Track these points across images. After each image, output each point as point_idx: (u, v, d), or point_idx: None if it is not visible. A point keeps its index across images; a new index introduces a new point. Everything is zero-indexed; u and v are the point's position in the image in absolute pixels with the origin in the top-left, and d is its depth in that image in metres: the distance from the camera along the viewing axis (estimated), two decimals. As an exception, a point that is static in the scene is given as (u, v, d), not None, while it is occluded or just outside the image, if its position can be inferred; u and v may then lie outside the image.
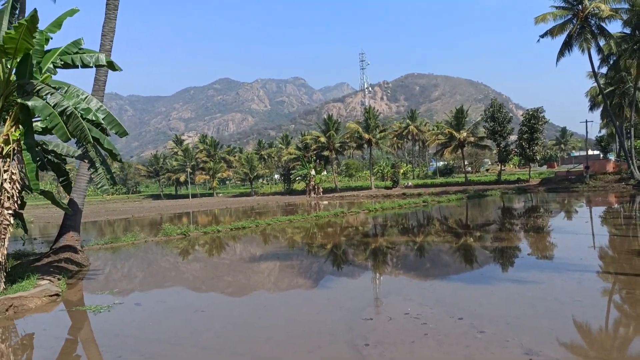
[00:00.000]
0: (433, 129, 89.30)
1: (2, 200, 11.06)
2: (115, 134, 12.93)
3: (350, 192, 72.21)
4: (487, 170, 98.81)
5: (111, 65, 14.59)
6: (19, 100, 11.12)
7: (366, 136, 72.32)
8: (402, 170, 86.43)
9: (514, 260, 14.22)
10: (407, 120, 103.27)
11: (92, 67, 13.77)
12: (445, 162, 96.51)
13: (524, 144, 60.73)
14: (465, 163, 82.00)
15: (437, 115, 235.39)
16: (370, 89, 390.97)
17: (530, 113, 60.36)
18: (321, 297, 10.69)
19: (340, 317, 8.70)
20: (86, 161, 15.18)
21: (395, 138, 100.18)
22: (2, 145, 11.20)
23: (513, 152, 67.45)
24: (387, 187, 73.37)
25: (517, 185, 61.40)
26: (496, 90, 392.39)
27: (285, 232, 25.48)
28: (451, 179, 76.95)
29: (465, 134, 68.70)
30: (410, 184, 74.90)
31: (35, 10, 10.38)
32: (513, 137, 67.07)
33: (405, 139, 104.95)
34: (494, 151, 73.18)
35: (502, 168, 72.47)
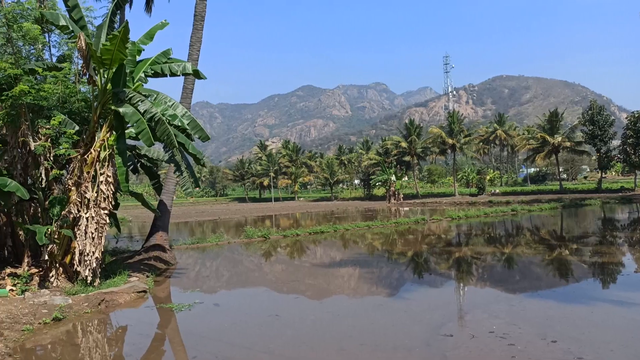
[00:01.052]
0: (523, 134, 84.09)
1: (99, 201, 11.84)
2: (199, 138, 13.40)
3: (432, 199, 70.06)
4: (585, 177, 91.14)
5: (197, 74, 15.22)
6: (113, 108, 11.87)
7: (450, 141, 69.84)
8: (488, 177, 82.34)
9: (617, 277, 12.71)
10: (495, 125, 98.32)
11: (179, 75, 14.42)
12: (537, 169, 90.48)
13: (628, 149, 55.23)
14: (560, 170, 76.31)
15: (528, 119, 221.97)
16: (454, 92, 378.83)
17: (637, 116, 54.80)
18: (399, 307, 10.20)
19: (418, 331, 8.19)
20: (173, 165, 15.95)
21: (481, 143, 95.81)
22: (99, 150, 12.01)
23: (615, 158, 61.60)
24: (472, 194, 70.26)
25: (620, 194, 55.87)
26: (595, 91, 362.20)
27: (365, 237, 25.10)
28: (544, 187, 71.94)
29: (560, 139, 63.89)
30: (497, 191, 71.10)
31: (126, 22, 11.01)
32: (615, 142, 61.27)
33: (492, 144, 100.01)
34: (593, 157, 67.37)
35: (603, 175, 66.45)
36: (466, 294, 11.73)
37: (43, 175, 11.70)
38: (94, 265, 11.49)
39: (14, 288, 10.34)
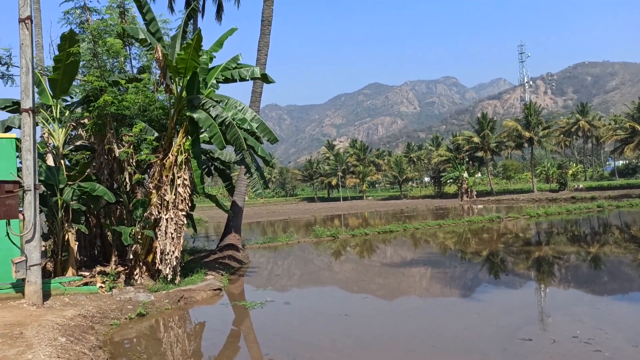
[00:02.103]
0: (610, 124, 77.99)
1: (177, 203, 12.51)
2: (268, 141, 13.74)
3: (508, 196, 66.92)
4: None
5: (265, 78, 15.62)
6: (188, 114, 12.48)
7: (526, 134, 66.33)
8: (570, 171, 77.21)
9: None
10: (577, 115, 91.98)
11: (248, 80, 14.88)
12: (627, 161, 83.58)
13: None
14: (653, 161, 69.93)
15: (615, 108, 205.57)
16: (531, 83, 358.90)
17: None
18: (473, 309, 9.84)
19: (493, 335, 7.85)
20: (244, 167, 16.49)
21: (561, 135, 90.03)
22: (176, 154, 12.68)
23: None
24: (552, 190, 66.28)
25: None
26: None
27: (436, 237, 24.49)
28: (634, 181, 66.29)
29: (652, 128, 58.60)
30: (581, 186, 66.57)
31: (199, 31, 11.53)
32: None
33: (574, 136, 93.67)
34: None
35: None
36: (547, 296, 11.08)
37: (127, 180, 12.54)
38: (174, 263, 12.14)
39: (103, 285, 11.18)
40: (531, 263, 15.32)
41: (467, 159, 73.96)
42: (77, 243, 12.13)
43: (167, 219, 12.15)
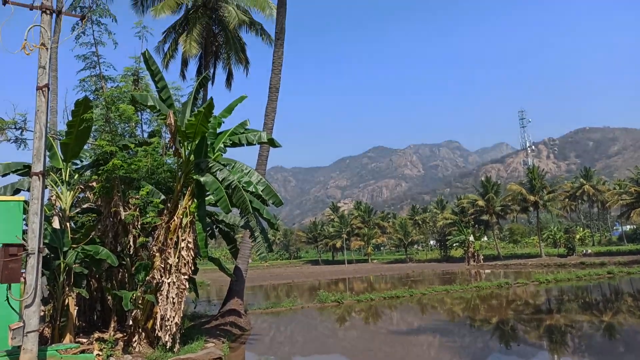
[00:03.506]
0: (614, 188, 78.07)
1: (179, 266, 12.36)
2: (273, 204, 13.78)
3: (515, 260, 65.77)
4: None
5: (272, 142, 15.93)
6: (194, 177, 12.63)
7: (531, 198, 66.28)
8: (578, 236, 76.29)
9: None
10: (581, 179, 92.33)
11: (255, 144, 15.20)
12: (634, 226, 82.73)
13: None
14: (661, 226, 69.17)
15: (618, 173, 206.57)
16: (533, 147, 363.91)
17: None
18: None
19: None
20: (248, 230, 16.43)
21: (566, 199, 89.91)
22: (182, 217, 12.69)
23: None
24: (560, 255, 65.19)
25: None
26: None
27: (443, 303, 23.83)
28: (643, 246, 65.23)
29: (657, 192, 58.52)
30: (589, 251, 65.52)
31: (211, 99, 11.93)
32: None
33: (579, 200, 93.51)
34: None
35: None
36: (562, 369, 10.58)
37: (131, 243, 12.49)
38: (174, 330, 11.79)
39: (100, 353, 10.81)
40: (543, 332, 14.77)
41: (473, 223, 73.50)
42: (77, 308, 11.87)
43: (169, 283, 11.95)
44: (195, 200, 12.96)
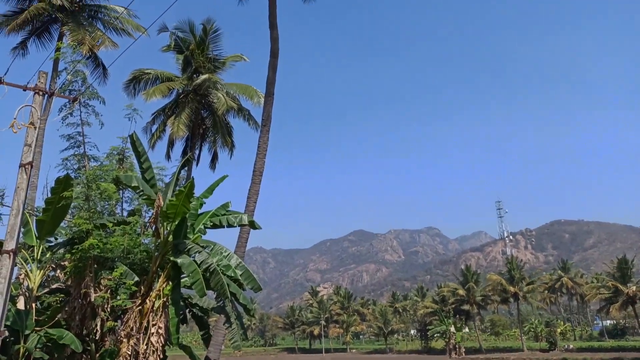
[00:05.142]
0: (592, 282, 78.45)
1: (147, 354, 11.69)
2: (251, 289, 13.46)
3: (497, 354, 63.92)
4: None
5: (252, 225, 15.88)
6: (172, 258, 12.37)
7: (511, 289, 66.00)
8: (559, 330, 75.16)
9: None
10: (559, 272, 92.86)
11: (235, 226, 15.13)
12: (614, 321, 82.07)
13: None
14: (641, 322, 68.75)
15: (595, 266, 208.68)
16: (511, 237, 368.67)
17: None
18: None
19: None
20: (222, 315, 15.83)
21: (546, 292, 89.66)
22: (154, 300, 12.24)
23: None
24: (542, 350, 63.67)
25: None
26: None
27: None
28: (625, 343, 64.25)
29: (634, 288, 58.82)
30: (571, 346, 64.21)
31: (192, 179, 12.07)
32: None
33: (558, 293, 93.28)
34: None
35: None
36: None
37: (98, 327, 11.88)
38: None
39: None
40: None
41: (454, 312, 72.16)
42: (32, 397, 10.97)
43: (134, 373, 11.23)
44: (170, 282, 12.59)
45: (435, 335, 74.14)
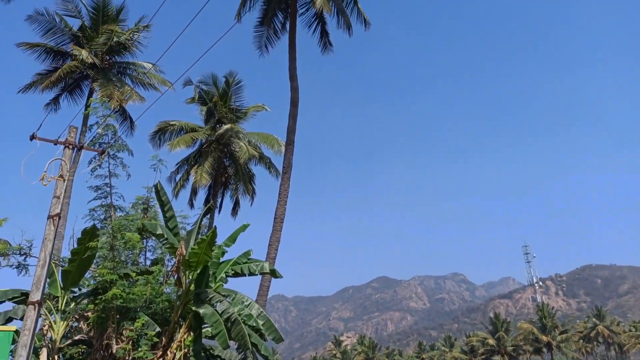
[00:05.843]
0: (630, 330, 74.54)
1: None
2: (272, 339, 13.20)
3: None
4: None
5: (273, 273, 15.77)
6: (193, 308, 12.29)
7: (544, 338, 63.13)
8: (597, 382, 70.90)
9: None
10: (593, 319, 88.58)
11: (257, 274, 15.04)
12: (657, 372, 77.07)
13: None
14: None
15: (632, 313, 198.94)
16: (540, 283, 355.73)
17: None
18: None
19: None
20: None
21: (581, 341, 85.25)
22: (175, 351, 12.08)
23: None
24: (581, 404, 59.85)
25: None
26: None
27: None
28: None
29: (676, 336, 55.63)
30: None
31: (215, 228, 12.14)
32: None
33: (594, 342, 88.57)
34: None
35: None
36: None
37: (118, 380, 11.73)
38: None
39: None
40: None
41: (484, 364, 69.03)
42: None
43: None
44: (191, 333, 12.46)
45: (465, 388, 70.68)
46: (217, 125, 25.26)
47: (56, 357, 11.32)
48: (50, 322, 11.54)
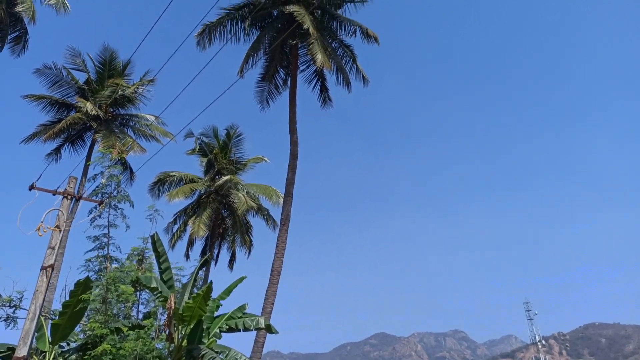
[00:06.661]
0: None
1: None
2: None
3: None
4: None
5: (269, 329, 15.32)
6: (184, 365, 11.84)
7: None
8: None
9: None
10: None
11: (252, 330, 14.59)
12: None
13: None
14: None
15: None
16: (543, 342, 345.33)
17: None
18: None
19: None
20: None
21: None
22: (164, 412, 11.52)
23: None
24: None
25: None
26: None
27: None
28: None
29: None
30: None
31: (211, 282, 11.92)
32: None
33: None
34: None
35: None
36: None
37: None
38: None
39: None
40: None
41: None
42: None
43: None
44: (181, 392, 11.95)
45: None
46: (217, 177, 25.43)
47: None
48: (35, 379, 11.09)
